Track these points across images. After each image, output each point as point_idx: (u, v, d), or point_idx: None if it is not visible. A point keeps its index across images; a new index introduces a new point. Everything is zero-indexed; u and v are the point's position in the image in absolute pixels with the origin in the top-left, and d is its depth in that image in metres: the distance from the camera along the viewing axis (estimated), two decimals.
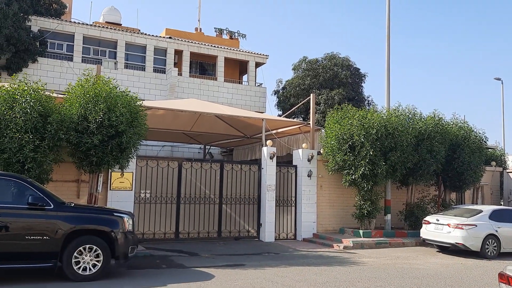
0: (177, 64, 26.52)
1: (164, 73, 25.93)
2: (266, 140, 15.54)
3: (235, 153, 23.96)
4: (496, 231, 12.77)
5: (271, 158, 14.95)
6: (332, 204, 16.19)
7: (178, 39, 26.59)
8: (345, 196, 16.21)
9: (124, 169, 11.71)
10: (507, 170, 20.85)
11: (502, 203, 20.05)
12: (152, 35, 26.17)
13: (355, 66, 30.76)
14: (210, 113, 15.83)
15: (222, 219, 14.51)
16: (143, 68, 25.61)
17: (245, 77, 29.67)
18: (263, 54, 28.81)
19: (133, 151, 11.27)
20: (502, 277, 4.03)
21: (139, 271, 9.19)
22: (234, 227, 14.71)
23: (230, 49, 28.07)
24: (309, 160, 15.69)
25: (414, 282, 8.80)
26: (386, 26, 17.21)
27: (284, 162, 16.91)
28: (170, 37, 26.52)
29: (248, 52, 28.48)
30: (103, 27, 25.27)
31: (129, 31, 26.05)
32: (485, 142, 19.02)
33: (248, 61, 28.31)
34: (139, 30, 27.15)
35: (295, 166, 15.84)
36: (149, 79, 25.38)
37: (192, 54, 26.90)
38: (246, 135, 19.97)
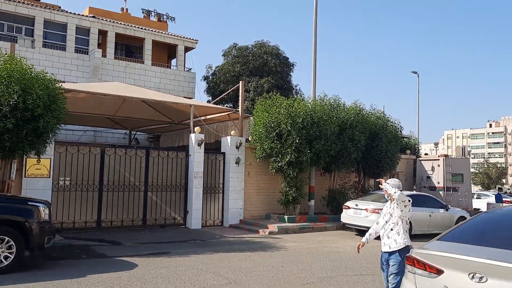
0: (101, 45, 25.31)
1: (87, 54, 24.66)
2: (194, 126, 15.39)
3: (162, 139, 23.49)
4: None
5: (199, 145, 14.85)
6: (259, 190, 16.47)
7: (102, 19, 25.35)
8: (271, 183, 16.55)
9: (40, 155, 11.02)
10: (420, 158, 22.43)
11: (415, 188, 21.57)
12: (74, 13, 24.68)
13: (284, 55, 31.32)
14: (136, 97, 15.32)
15: (147, 207, 14.22)
16: (63, 48, 24.13)
17: (173, 62, 29.04)
18: (193, 39, 28.34)
19: (51, 136, 10.62)
20: (409, 259, 4.33)
21: (57, 262, 8.77)
22: (160, 215, 14.49)
23: (158, 32, 27.28)
24: (237, 148, 15.80)
25: (333, 264, 9.25)
26: (314, 18, 17.64)
27: (213, 149, 16.88)
28: (93, 16, 25.19)
29: (177, 36, 27.87)
30: (18, 1, 23.39)
31: (48, 7, 24.36)
32: (401, 131, 20.32)
33: (177, 45, 27.71)
34: (60, 7, 25.50)
35: (224, 153, 15.88)
36: (70, 60, 24.00)
37: (118, 36, 25.79)
38: (174, 121, 19.63)
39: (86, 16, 25.29)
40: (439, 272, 3.96)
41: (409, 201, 5.58)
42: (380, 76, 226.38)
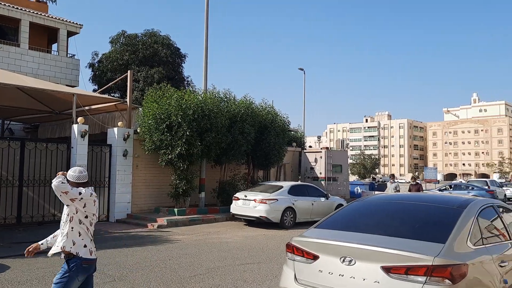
0: None
1: None
2: (77, 117, 14.46)
3: (41, 130, 21.64)
4: (293, 204, 14.51)
5: (82, 136, 14.00)
6: (148, 184, 16.09)
7: None
8: (161, 176, 16.27)
9: None
10: (305, 151, 23.79)
11: (300, 179, 22.85)
12: None
13: (175, 45, 30.79)
14: (10, 84, 13.87)
15: (22, 204, 13.06)
16: None
17: (54, 47, 26.84)
18: (77, 23, 26.45)
19: None
20: (289, 247, 4.58)
21: None
22: (37, 212, 13.40)
23: (37, 13, 24.95)
24: (125, 139, 15.22)
25: (222, 255, 9.43)
26: (205, 9, 17.61)
27: (98, 141, 16.04)
28: None
29: (59, 18, 25.78)
30: None
31: None
32: (288, 125, 21.33)
33: (59, 28, 25.63)
34: None
35: (110, 145, 15.18)
36: None
37: None
38: (54, 110, 18.20)
39: None
40: (315, 257, 4.25)
41: (80, 194, 4.21)
42: (271, 72, 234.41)
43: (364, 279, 3.86)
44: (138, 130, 15.81)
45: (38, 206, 13.42)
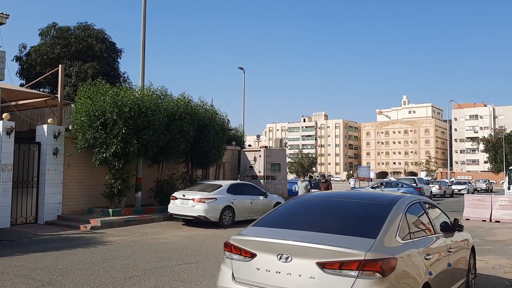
0: None
1: None
2: (2, 112, 13.53)
3: None
4: (232, 202, 14.51)
5: (8, 133, 13.11)
6: (80, 183, 15.41)
7: None
8: (95, 175, 15.64)
9: None
10: (244, 149, 23.89)
11: (239, 177, 22.92)
12: None
13: (111, 40, 29.75)
14: None
15: None
16: None
17: None
18: (2, 13, 24.70)
19: None
20: (227, 245, 4.57)
21: None
22: None
23: None
24: (55, 137, 14.46)
25: (158, 256, 9.23)
26: (143, 4, 17.14)
27: (26, 138, 15.09)
28: None
29: None
30: None
31: None
32: (228, 124, 21.32)
33: None
34: None
35: (39, 143, 14.36)
36: None
37: None
38: None
39: None
40: (252, 255, 4.27)
41: None
42: (211, 71, 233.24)
43: (300, 275, 3.94)
44: (70, 128, 15.07)
45: None
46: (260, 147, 23.90)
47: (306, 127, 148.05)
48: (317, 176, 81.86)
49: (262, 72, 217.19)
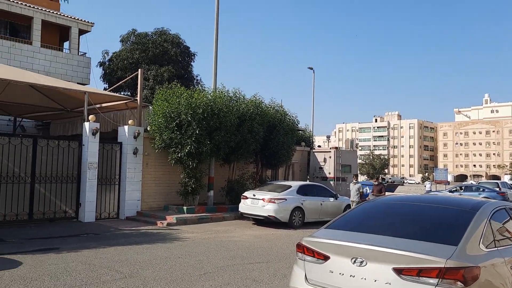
0: None
1: None
2: (88, 115, 14.58)
3: (53, 127, 21.85)
4: (302, 203, 14.49)
5: (93, 134, 14.11)
6: (157, 181, 16.17)
7: None
8: (171, 174, 16.34)
9: None
10: (314, 150, 23.74)
11: (309, 178, 22.81)
12: None
13: (185, 44, 30.87)
14: (21, 81, 14.02)
15: (34, 200, 13.20)
16: None
17: (66, 45, 27.06)
18: (88, 21, 26.63)
19: None
20: (299, 247, 4.59)
21: None
22: (49, 208, 13.54)
23: (49, 11, 25.18)
24: (135, 137, 15.31)
25: (230, 254, 9.46)
26: (216, 8, 17.64)
27: (109, 138, 16.17)
28: None
29: (71, 17, 25.98)
30: None
31: None
32: (297, 124, 21.30)
33: (71, 27, 25.84)
34: None
35: (120, 143, 15.29)
36: None
37: (1, 13, 23.29)
38: (66, 108, 18.38)
39: None
40: (325, 258, 4.26)
41: None
42: (280, 71, 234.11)
43: (375, 280, 3.87)
44: (148, 129, 15.90)
45: (50, 203, 13.56)
46: (330, 148, 23.61)
47: (378, 127, 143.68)
48: (390, 178, 79.05)
49: (332, 71, 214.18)
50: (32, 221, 13.07)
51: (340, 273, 4.10)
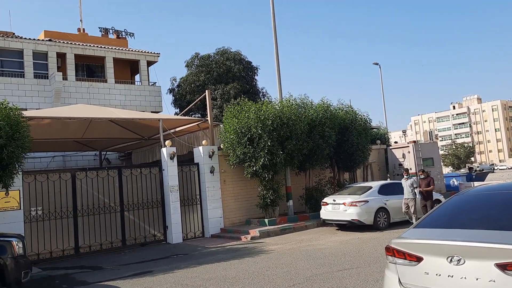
0: (61, 68, 24.77)
1: (47, 78, 24.08)
2: (164, 140, 15.25)
3: (134, 156, 23.16)
4: (385, 204, 13.96)
5: (171, 158, 14.71)
6: (236, 197, 16.44)
7: (59, 41, 24.82)
8: (248, 188, 16.54)
9: (9, 188, 10.67)
10: (390, 147, 22.87)
11: (389, 177, 21.97)
12: (29, 39, 24.06)
13: (247, 59, 31.39)
14: (102, 118, 15.05)
15: (125, 227, 13.98)
16: (21, 75, 23.49)
17: (137, 77, 28.70)
18: (154, 53, 28.09)
19: (17, 166, 10.30)
20: (389, 250, 4.38)
21: None
22: (139, 233, 14.26)
23: (118, 49, 26.92)
24: (210, 157, 15.73)
25: (318, 262, 9.31)
26: (272, 19, 17.78)
27: (186, 160, 16.76)
28: (50, 40, 24.64)
29: (138, 51, 27.57)
30: None
31: (1, 35, 23.67)
32: (369, 123, 20.68)
33: (139, 60, 27.40)
34: (14, 34, 24.80)
35: (197, 164, 15.78)
36: (30, 86, 23.38)
37: (77, 57, 25.29)
38: (143, 137, 19.39)
39: (42, 40, 24.70)
40: (418, 259, 4.03)
41: None
42: (344, 71, 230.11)
43: (477, 279, 3.58)
44: (221, 146, 16.27)
45: (140, 228, 14.29)
46: (408, 143, 22.60)
47: (457, 114, 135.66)
48: (477, 167, 73.87)
49: (397, 63, 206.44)
50: (126, 247, 13.83)
51: (436, 274, 3.85)
